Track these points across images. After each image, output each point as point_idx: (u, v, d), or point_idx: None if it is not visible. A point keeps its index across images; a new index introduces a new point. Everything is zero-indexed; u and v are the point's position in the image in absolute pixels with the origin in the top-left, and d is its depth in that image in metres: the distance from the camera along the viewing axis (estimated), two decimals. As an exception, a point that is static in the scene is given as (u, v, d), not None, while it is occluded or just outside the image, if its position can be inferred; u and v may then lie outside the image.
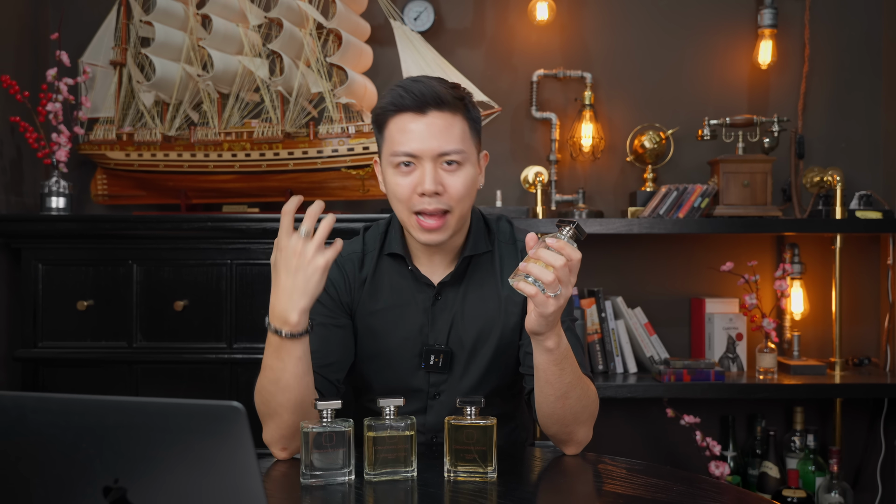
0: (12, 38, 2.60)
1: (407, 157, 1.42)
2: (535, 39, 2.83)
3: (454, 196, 1.42)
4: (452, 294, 1.52)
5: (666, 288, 2.83)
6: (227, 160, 2.58)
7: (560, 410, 1.37)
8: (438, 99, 1.41)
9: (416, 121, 1.41)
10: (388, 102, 1.43)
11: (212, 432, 0.80)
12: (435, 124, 1.41)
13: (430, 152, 1.41)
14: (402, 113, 1.42)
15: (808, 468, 2.57)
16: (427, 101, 1.40)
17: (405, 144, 1.41)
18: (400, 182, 1.43)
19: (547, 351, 1.31)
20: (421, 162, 1.41)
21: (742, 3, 2.83)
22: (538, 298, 1.22)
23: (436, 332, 1.51)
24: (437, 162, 1.41)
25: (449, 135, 1.41)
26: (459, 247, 1.53)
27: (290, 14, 2.56)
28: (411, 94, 1.41)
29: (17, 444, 0.84)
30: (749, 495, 1.31)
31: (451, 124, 1.42)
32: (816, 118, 2.83)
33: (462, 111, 1.44)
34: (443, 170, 1.42)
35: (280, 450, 1.39)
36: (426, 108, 1.41)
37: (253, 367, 2.37)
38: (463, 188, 1.43)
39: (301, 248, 1.27)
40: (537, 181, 2.60)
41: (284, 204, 1.29)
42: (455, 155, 1.42)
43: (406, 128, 1.42)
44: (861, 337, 2.81)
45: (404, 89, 1.42)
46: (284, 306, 1.29)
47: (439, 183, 1.41)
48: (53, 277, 2.41)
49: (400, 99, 1.41)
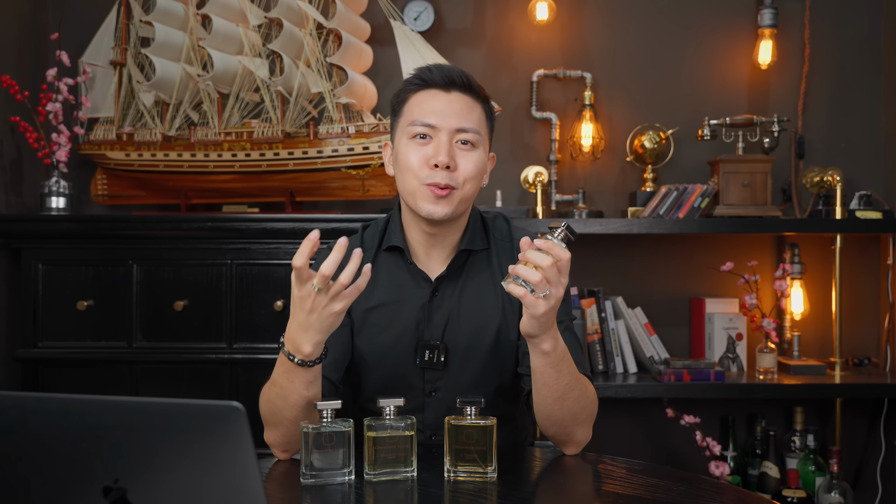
0: (12, 38, 2.60)
1: (425, 127, 1.44)
2: (535, 39, 2.83)
3: (464, 174, 1.45)
4: (449, 291, 1.52)
5: (666, 288, 2.83)
6: (227, 160, 2.58)
7: (558, 412, 1.37)
8: (465, 81, 1.47)
9: (439, 96, 1.46)
10: (415, 77, 1.48)
11: (212, 432, 0.80)
12: (457, 102, 1.46)
13: (449, 126, 1.44)
14: (426, 89, 1.47)
15: (808, 468, 2.57)
16: (454, 80, 1.46)
17: (426, 115, 1.45)
18: (413, 152, 1.45)
19: (543, 354, 1.31)
20: (437, 134, 1.44)
21: (742, 3, 2.83)
22: (527, 299, 1.23)
23: (432, 328, 1.51)
24: (452, 138, 1.44)
25: (469, 115, 1.46)
26: (457, 242, 1.53)
27: (290, 14, 2.56)
28: (440, 71, 1.46)
29: (17, 444, 0.84)
30: (749, 495, 1.31)
31: (471, 107, 1.47)
32: (816, 118, 2.83)
33: (482, 102, 1.50)
34: (457, 148, 1.45)
35: (281, 451, 1.41)
36: (451, 87, 1.46)
37: (253, 367, 2.37)
38: (474, 168, 1.46)
39: (315, 295, 1.23)
40: (537, 181, 2.60)
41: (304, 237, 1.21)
42: (471, 134, 1.45)
43: (428, 101, 1.46)
44: (861, 337, 2.81)
45: (432, 69, 1.47)
46: (299, 337, 1.28)
47: (452, 158, 1.43)
48: (53, 277, 2.41)
49: (428, 73, 1.47)
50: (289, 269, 2.39)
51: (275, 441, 1.40)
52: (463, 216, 1.52)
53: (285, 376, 1.32)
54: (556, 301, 1.24)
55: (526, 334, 1.29)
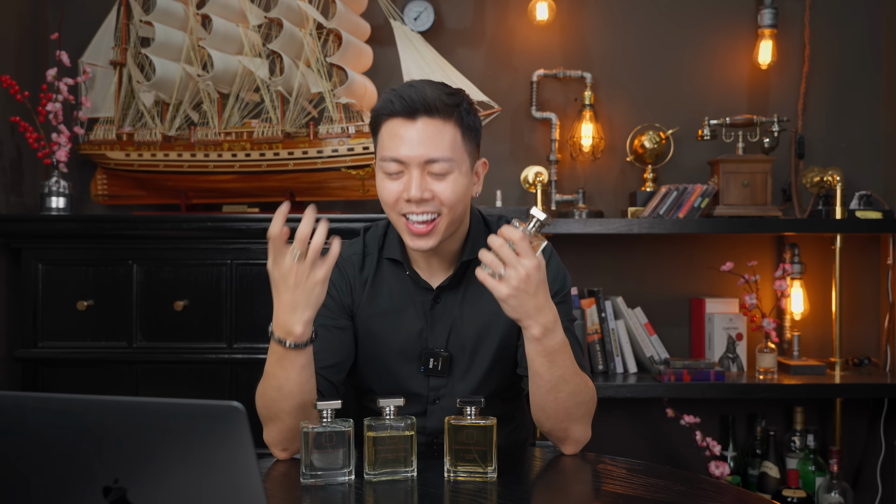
0: (12, 38, 2.60)
1: (394, 162, 1.40)
2: (535, 39, 2.83)
3: (444, 202, 1.41)
4: (451, 298, 1.52)
5: (666, 288, 2.83)
6: (227, 160, 2.58)
7: (551, 404, 1.37)
8: (428, 106, 1.38)
9: (406, 126, 1.40)
10: (381, 107, 1.43)
11: (212, 432, 0.80)
12: (423, 130, 1.39)
13: (418, 159, 1.39)
14: (392, 118, 1.41)
15: (808, 468, 2.57)
16: (416, 107, 1.38)
17: (393, 150, 1.40)
18: (387, 187, 1.42)
19: (533, 340, 1.31)
20: (408, 168, 1.40)
21: (742, 3, 2.83)
22: (488, 282, 1.26)
23: (435, 336, 1.51)
24: (423, 169, 1.40)
25: (438, 142, 1.39)
26: (457, 250, 1.52)
27: (290, 14, 2.56)
28: (402, 99, 1.39)
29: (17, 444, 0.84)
30: (749, 495, 1.31)
31: (440, 131, 1.40)
32: (816, 118, 2.83)
33: (454, 118, 1.41)
34: (431, 177, 1.40)
35: (281, 450, 1.40)
36: (416, 115, 1.39)
37: (253, 367, 2.37)
38: (452, 195, 1.41)
39: (296, 267, 1.27)
40: (537, 181, 2.60)
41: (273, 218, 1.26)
42: (443, 163, 1.39)
43: (395, 133, 1.40)
44: (861, 337, 2.81)
45: (397, 94, 1.40)
46: (288, 319, 1.29)
47: (426, 189, 1.40)
48: (53, 277, 2.41)
49: (390, 104, 1.40)
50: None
51: (274, 439, 1.39)
52: (458, 231, 1.50)
53: (278, 364, 1.32)
54: (517, 282, 1.25)
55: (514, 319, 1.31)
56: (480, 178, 1.51)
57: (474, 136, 1.47)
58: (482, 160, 1.51)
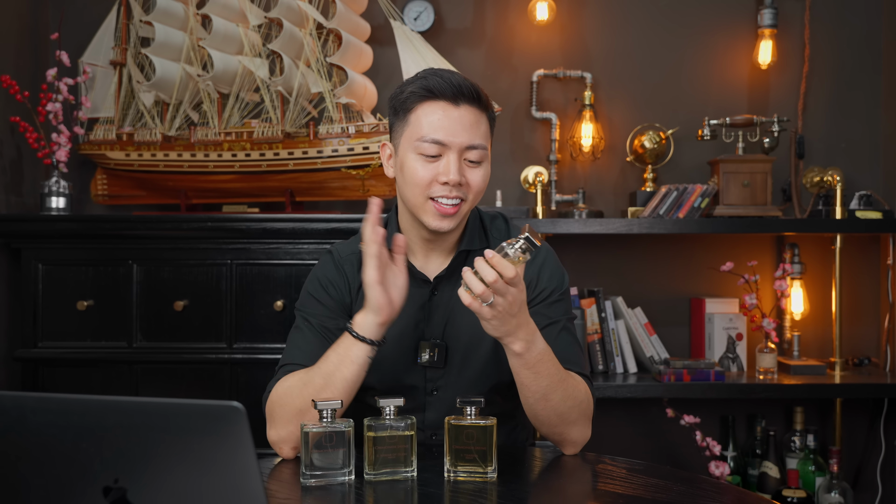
0: (12, 38, 2.60)
1: (435, 144, 1.41)
2: (535, 39, 2.83)
3: (473, 189, 1.45)
4: (449, 290, 1.52)
5: (666, 288, 2.83)
6: (227, 160, 2.58)
7: (543, 412, 1.38)
8: (473, 93, 1.43)
9: (449, 110, 1.42)
10: (422, 87, 1.43)
11: (212, 432, 0.80)
12: (466, 117, 1.42)
13: (459, 144, 1.42)
14: (434, 100, 1.42)
15: (808, 468, 2.57)
16: (463, 93, 1.42)
17: (436, 132, 1.41)
18: (420, 168, 1.43)
19: (515, 355, 1.32)
20: (447, 152, 1.42)
21: (742, 3, 2.83)
22: (473, 306, 1.25)
23: (432, 327, 1.51)
24: (461, 154, 1.43)
25: (477, 130, 1.44)
26: (455, 242, 1.54)
27: (290, 14, 2.56)
28: (449, 83, 1.41)
29: (17, 444, 0.84)
30: (749, 495, 1.31)
31: (479, 120, 1.44)
32: (816, 118, 2.83)
33: (487, 111, 1.47)
34: (465, 164, 1.43)
35: (291, 449, 1.40)
36: (460, 100, 1.42)
37: (253, 367, 2.37)
38: (482, 183, 1.46)
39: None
40: (537, 181, 2.60)
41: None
42: (480, 150, 1.44)
43: (437, 115, 1.42)
44: (861, 337, 2.81)
45: (440, 77, 1.42)
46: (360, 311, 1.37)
47: (463, 175, 1.43)
48: (53, 277, 2.41)
49: (437, 86, 1.42)
50: (288, 269, 2.39)
51: (289, 435, 1.38)
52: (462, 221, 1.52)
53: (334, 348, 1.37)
54: (504, 308, 1.25)
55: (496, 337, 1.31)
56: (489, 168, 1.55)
57: (493, 131, 1.53)
58: None
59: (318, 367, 1.38)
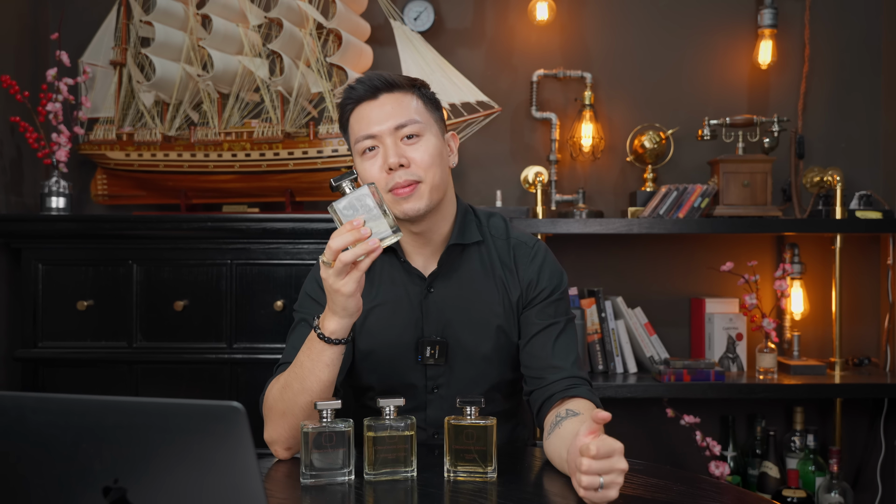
0: (12, 38, 2.60)
1: (367, 138, 1.45)
2: (535, 39, 2.83)
3: (421, 165, 1.45)
4: (445, 287, 1.52)
5: (666, 288, 2.83)
6: (227, 160, 2.58)
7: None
8: (387, 82, 1.46)
9: (370, 106, 1.46)
10: (343, 98, 1.50)
11: (212, 432, 0.80)
12: (387, 104, 1.46)
13: (387, 129, 1.44)
14: (358, 103, 1.47)
15: (808, 468, 2.57)
16: (376, 85, 1.46)
17: (363, 129, 1.46)
18: (369, 167, 1.46)
19: None
20: (381, 140, 1.45)
21: (742, 3, 2.83)
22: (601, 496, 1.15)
23: (431, 324, 1.51)
24: (396, 136, 1.45)
25: (403, 109, 1.46)
26: (445, 236, 1.54)
27: (290, 14, 2.56)
28: (361, 83, 1.47)
29: (17, 444, 0.84)
30: (749, 495, 1.31)
31: (402, 101, 1.47)
32: (816, 118, 2.83)
33: (414, 92, 1.49)
34: (404, 144, 1.45)
35: (284, 449, 1.40)
36: (377, 93, 1.46)
37: (253, 367, 2.37)
38: (428, 157, 1.45)
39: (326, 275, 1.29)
40: (537, 181, 2.60)
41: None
42: (411, 126, 1.45)
43: (362, 114, 1.47)
44: (861, 337, 2.81)
45: (358, 81, 1.48)
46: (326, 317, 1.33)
47: (402, 156, 1.43)
48: (53, 277, 2.41)
49: (351, 91, 1.48)
50: (288, 269, 2.39)
51: (281, 436, 1.39)
52: (445, 209, 1.52)
53: (306, 353, 1.35)
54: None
55: None
56: (454, 150, 1.56)
57: (437, 108, 1.53)
58: (451, 133, 1.56)
59: (294, 370, 1.37)
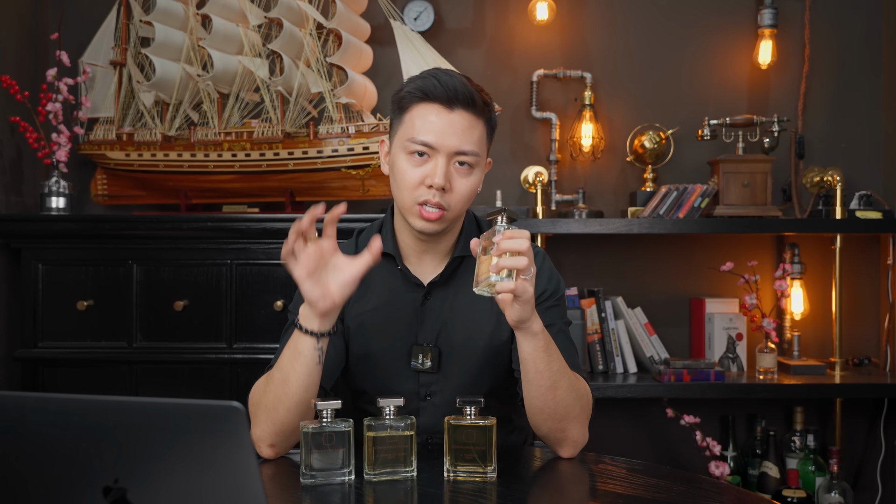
0: (12, 38, 2.60)
1: (423, 146, 1.41)
2: (535, 39, 2.83)
3: (457, 197, 1.43)
4: (442, 295, 1.51)
5: (666, 288, 2.83)
6: (227, 160, 2.58)
7: (551, 403, 1.35)
8: (469, 98, 1.41)
9: (442, 114, 1.41)
10: (418, 88, 1.43)
11: (212, 432, 0.80)
12: (459, 122, 1.41)
13: (448, 148, 1.40)
14: (429, 102, 1.42)
15: (808, 468, 2.57)
16: (458, 97, 1.40)
17: (425, 134, 1.41)
18: (409, 170, 1.42)
19: (534, 335, 1.30)
20: (436, 155, 1.41)
21: (742, 3, 2.83)
22: (519, 288, 1.22)
23: (425, 331, 1.51)
24: (450, 159, 1.41)
25: (469, 135, 1.42)
26: (450, 247, 1.53)
27: (290, 14, 2.56)
28: (444, 86, 1.41)
29: (17, 444, 0.84)
30: (749, 495, 1.31)
31: (473, 126, 1.42)
32: (816, 118, 2.83)
33: (485, 116, 1.45)
34: (454, 169, 1.42)
35: (268, 447, 1.38)
36: (454, 105, 1.41)
37: (253, 367, 2.37)
38: (468, 191, 1.44)
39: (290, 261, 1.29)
40: (537, 181, 2.60)
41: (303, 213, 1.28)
42: (470, 157, 1.42)
43: (430, 118, 1.41)
44: (861, 337, 2.81)
45: (437, 80, 1.41)
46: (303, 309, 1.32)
47: (448, 180, 1.41)
48: (53, 277, 2.41)
49: (432, 88, 1.41)
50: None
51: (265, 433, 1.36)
52: (455, 225, 1.52)
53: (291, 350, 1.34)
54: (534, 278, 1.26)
55: (517, 322, 1.28)
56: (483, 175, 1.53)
57: (493, 136, 1.51)
58: (489, 160, 1.53)
59: (278, 363, 1.38)
